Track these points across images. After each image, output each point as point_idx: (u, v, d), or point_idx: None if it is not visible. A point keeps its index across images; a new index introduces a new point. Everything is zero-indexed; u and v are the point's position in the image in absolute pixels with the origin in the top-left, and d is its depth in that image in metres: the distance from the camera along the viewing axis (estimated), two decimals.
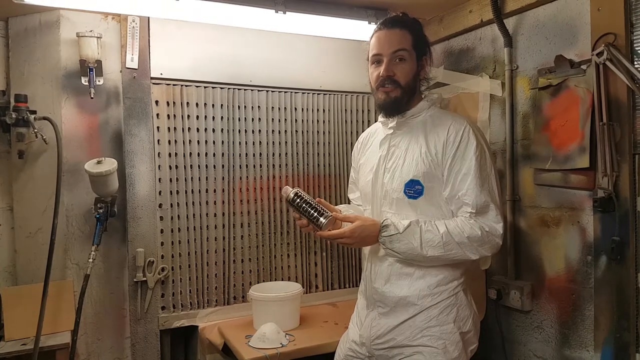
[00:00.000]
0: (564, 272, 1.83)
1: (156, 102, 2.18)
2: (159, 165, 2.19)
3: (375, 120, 2.43)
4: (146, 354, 2.16)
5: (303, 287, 2.25)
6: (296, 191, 1.47)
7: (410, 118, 1.51)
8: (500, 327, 2.10)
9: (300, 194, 1.46)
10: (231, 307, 2.31)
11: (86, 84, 2.03)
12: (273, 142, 2.41)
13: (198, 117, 2.25)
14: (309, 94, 2.49)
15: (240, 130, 2.34)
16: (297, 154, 2.47)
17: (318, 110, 2.52)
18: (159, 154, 2.19)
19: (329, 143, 2.55)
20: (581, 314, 1.77)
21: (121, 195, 2.09)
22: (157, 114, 2.18)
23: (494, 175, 1.45)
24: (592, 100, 1.66)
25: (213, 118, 2.28)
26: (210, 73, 2.26)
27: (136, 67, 2.12)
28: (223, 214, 2.31)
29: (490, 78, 2.14)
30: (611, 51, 1.57)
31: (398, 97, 1.47)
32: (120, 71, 2.12)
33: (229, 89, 2.31)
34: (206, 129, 2.27)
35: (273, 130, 2.41)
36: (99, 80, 2.07)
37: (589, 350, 1.74)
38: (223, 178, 2.30)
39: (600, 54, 1.60)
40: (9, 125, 1.95)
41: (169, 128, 2.20)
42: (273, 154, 2.41)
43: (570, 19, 1.79)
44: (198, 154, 2.26)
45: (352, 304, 1.72)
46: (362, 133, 1.75)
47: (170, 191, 2.21)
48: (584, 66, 1.72)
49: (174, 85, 2.21)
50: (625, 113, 1.58)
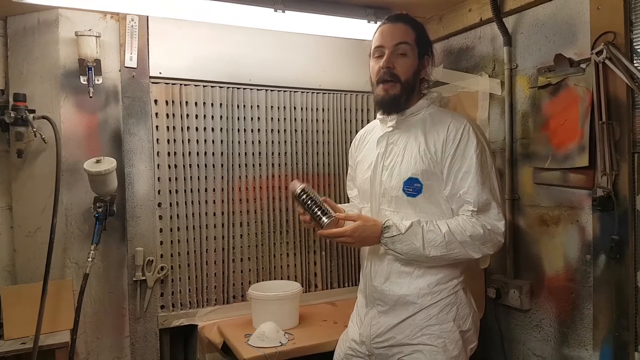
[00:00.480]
0: (563, 271, 1.83)
1: (155, 101, 2.18)
2: (158, 165, 2.18)
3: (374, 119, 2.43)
4: (145, 353, 2.16)
5: (302, 286, 2.25)
6: (303, 187, 1.46)
7: (410, 116, 1.50)
8: (500, 326, 2.10)
9: (307, 191, 1.45)
10: (230, 306, 2.31)
11: (85, 83, 2.03)
12: (272, 141, 2.41)
13: (197, 116, 2.25)
14: (308, 93, 2.49)
15: (239, 130, 2.34)
16: (297, 153, 2.47)
17: (317, 109, 2.52)
18: (158, 153, 2.19)
19: (328, 142, 2.55)
20: (580, 313, 1.77)
21: (120, 194, 2.09)
22: (156, 113, 2.18)
23: (494, 173, 1.45)
24: (592, 99, 1.66)
25: (212, 117, 2.28)
26: (209, 72, 2.26)
27: (135, 66, 2.12)
28: (222, 213, 2.31)
29: (489, 77, 2.14)
30: (611, 50, 1.57)
31: (397, 95, 1.46)
32: (119, 70, 2.12)
33: (228, 88, 2.31)
34: (205, 128, 2.27)
35: (272, 130, 2.41)
36: (98, 80, 2.07)
37: (588, 349, 1.74)
38: (222, 177, 2.30)
39: (599, 53, 1.60)
40: (7, 125, 1.95)
41: (168, 127, 2.20)
42: (272, 153, 2.41)
43: (570, 18, 1.79)
44: (197, 153, 2.25)
45: (352, 303, 1.72)
46: (360, 130, 1.75)
47: (170, 190, 2.21)
48: (583, 65, 1.72)
49: (173, 84, 2.20)
50: (625, 112, 1.58)
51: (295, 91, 2.46)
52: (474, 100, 2.21)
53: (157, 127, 2.18)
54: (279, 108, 2.43)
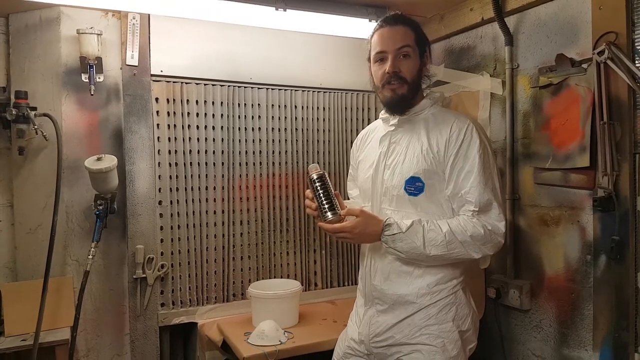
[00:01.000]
0: (563, 272, 1.83)
1: (156, 99, 2.18)
2: (158, 163, 2.19)
3: (375, 118, 2.43)
4: (145, 350, 2.17)
5: (302, 285, 2.26)
6: (321, 174, 1.44)
7: (413, 115, 1.50)
8: (499, 326, 2.10)
9: (324, 179, 1.43)
10: (230, 304, 2.31)
11: (86, 80, 2.04)
12: (273, 140, 2.41)
13: (198, 115, 2.25)
14: (308, 91, 2.49)
15: (240, 128, 2.34)
16: (297, 151, 2.47)
17: (318, 108, 2.52)
18: (158, 151, 2.19)
19: (329, 141, 2.55)
20: (580, 314, 1.77)
21: (121, 192, 2.09)
22: (157, 111, 2.18)
23: (496, 173, 1.45)
24: (593, 99, 1.66)
25: (213, 115, 2.28)
26: (210, 70, 2.26)
27: (136, 64, 2.12)
28: (223, 212, 2.31)
29: (490, 76, 2.14)
30: (612, 50, 1.56)
31: (405, 94, 1.46)
32: (121, 68, 2.12)
33: (229, 86, 2.31)
34: (206, 127, 2.27)
35: (273, 128, 2.41)
36: (99, 77, 2.07)
37: (588, 349, 1.74)
38: (223, 175, 2.31)
39: (601, 53, 1.60)
40: (9, 122, 1.95)
41: (168, 125, 2.20)
42: (273, 151, 2.41)
43: (572, 18, 1.79)
44: (198, 152, 2.26)
45: (351, 302, 1.72)
46: (362, 130, 1.75)
47: (170, 188, 2.21)
48: (584, 65, 1.71)
49: (174, 82, 2.21)
50: (626, 112, 1.58)
51: (296, 90, 2.46)
52: (475, 99, 2.21)
53: (158, 125, 2.19)
54: (279, 107, 2.42)
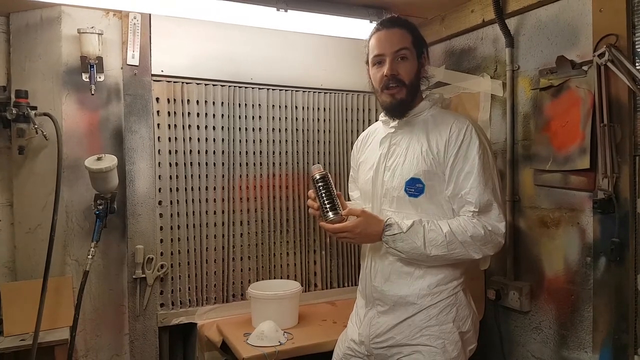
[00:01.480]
0: (563, 273, 1.83)
1: (157, 99, 2.18)
2: (159, 162, 2.19)
3: (375, 119, 2.43)
4: (145, 350, 2.16)
5: (302, 286, 2.26)
6: (324, 174, 1.44)
7: (413, 117, 1.51)
8: (499, 328, 2.10)
9: (326, 179, 1.43)
10: (230, 305, 2.31)
11: (87, 80, 2.03)
12: (273, 141, 2.41)
13: (198, 115, 2.25)
14: (309, 92, 2.49)
15: (240, 128, 2.34)
16: (298, 152, 2.47)
17: (319, 108, 2.52)
18: (159, 151, 2.19)
19: (330, 142, 2.55)
20: (580, 315, 1.77)
21: (121, 192, 2.09)
22: (158, 111, 2.18)
23: (496, 174, 1.45)
24: (593, 101, 1.66)
25: (213, 116, 2.28)
26: (210, 70, 2.26)
27: (137, 64, 2.12)
28: (223, 212, 2.31)
29: (491, 78, 2.14)
30: (613, 52, 1.57)
31: (403, 99, 1.47)
32: (121, 68, 2.12)
33: (229, 86, 2.31)
34: (206, 127, 2.27)
35: (273, 129, 2.41)
36: (100, 77, 2.07)
37: (588, 351, 1.74)
38: (223, 176, 2.30)
39: (601, 55, 1.60)
40: (9, 121, 1.94)
41: (169, 125, 2.20)
42: (273, 152, 2.41)
43: (572, 20, 1.79)
44: (198, 152, 2.26)
45: (351, 302, 1.72)
46: (363, 132, 1.75)
47: (170, 188, 2.21)
48: (585, 67, 1.72)
49: (174, 82, 2.21)
50: (626, 114, 1.58)
51: (296, 90, 2.46)
52: (476, 101, 2.21)
53: (159, 125, 2.19)
54: (280, 107, 2.43)
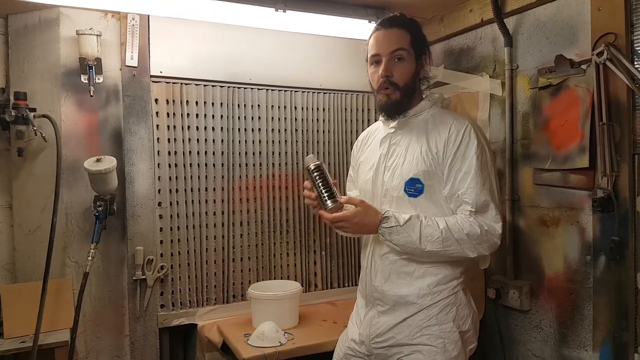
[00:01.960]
0: (563, 272, 1.83)
1: (156, 100, 2.18)
2: (158, 164, 2.18)
3: (375, 119, 2.43)
4: (145, 352, 2.16)
5: (302, 286, 2.25)
6: (318, 164, 1.44)
7: (412, 117, 1.51)
8: (499, 327, 2.10)
9: (322, 169, 1.44)
10: (230, 306, 2.31)
11: (86, 81, 2.03)
12: (273, 141, 2.41)
13: (198, 116, 2.25)
14: (308, 92, 2.49)
15: (239, 129, 2.34)
16: (297, 152, 2.47)
17: (318, 109, 2.52)
18: (158, 152, 2.19)
19: (329, 142, 2.55)
20: (580, 314, 1.77)
21: (120, 193, 2.09)
22: (157, 112, 2.18)
23: (494, 175, 1.45)
24: (592, 100, 1.66)
25: (213, 116, 2.28)
26: (209, 71, 2.26)
27: (136, 65, 2.12)
28: (222, 213, 2.31)
29: (490, 77, 2.14)
30: (611, 51, 1.57)
31: (398, 100, 1.47)
32: (120, 69, 2.12)
33: (228, 87, 2.31)
34: (206, 128, 2.27)
35: (273, 129, 2.41)
36: (99, 78, 2.07)
37: (588, 350, 1.74)
38: (222, 177, 2.30)
39: (600, 54, 1.60)
40: (8, 123, 1.94)
41: (168, 126, 2.20)
42: (273, 152, 2.41)
43: (571, 19, 1.79)
44: (197, 153, 2.25)
45: (351, 302, 1.72)
46: (363, 132, 1.75)
47: (170, 189, 2.21)
48: (584, 66, 1.72)
49: (173, 83, 2.20)
50: (625, 113, 1.58)
51: (295, 91, 2.46)
52: (475, 100, 2.21)
53: (158, 126, 2.18)
54: (279, 108, 2.42)
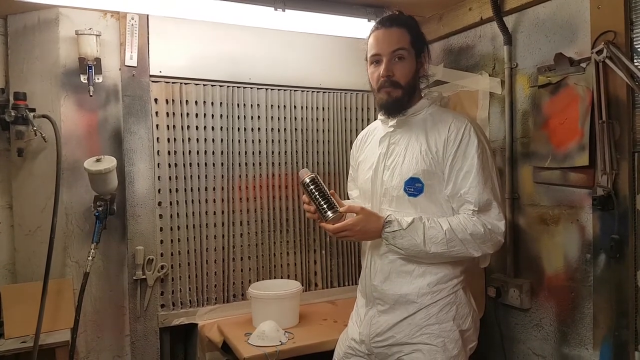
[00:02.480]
0: (563, 270, 1.83)
1: (155, 100, 2.18)
2: (158, 163, 2.19)
3: (375, 118, 2.43)
4: (146, 351, 2.16)
5: (302, 285, 2.25)
6: (313, 177, 1.45)
7: (411, 116, 1.51)
8: (500, 325, 2.10)
9: (317, 181, 1.45)
10: (230, 305, 2.31)
11: (85, 81, 2.03)
12: (272, 140, 2.41)
13: (197, 115, 2.25)
14: (308, 92, 2.49)
15: (239, 129, 2.34)
16: (297, 152, 2.47)
17: (318, 108, 2.52)
18: (158, 152, 2.19)
19: (329, 141, 2.55)
20: (580, 312, 1.77)
21: (120, 193, 2.09)
22: (157, 112, 2.18)
23: (495, 173, 1.45)
24: (592, 98, 1.66)
25: (212, 116, 2.28)
26: (209, 71, 2.26)
27: (135, 65, 2.12)
28: (222, 212, 2.31)
29: (489, 76, 2.14)
30: (611, 49, 1.57)
31: (399, 97, 1.46)
32: (120, 69, 2.12)
33: (228, 86, 2.31)
34: (205, 127, 2.27)
35: (272, 129, 2.41)
36: (98, 78, 2.07)
37: (588, 348, 1.74)
38: (222, 176, 2.30)
39: (599, 52, 1.60)
40: (8, 123, 1.94)
41: (168, 126, 2.20)
42: (272, 152, 2.41)
43: (570, 17, 1.79)
44: (197, 152, 2.25)
45: (352, 302, 1.72)
46: (362, 131, 1.75)
47: (170, 189, 2.21)
48: (583, 64, 1.72)
49: (173, 83, 2.20)
50: (625, 111, 1.58)
51: (295, 90, 2.46)
52: (474, 99, 2.21)
53: (157, 126, 2.18)
54: (279, 107, 2.42)
